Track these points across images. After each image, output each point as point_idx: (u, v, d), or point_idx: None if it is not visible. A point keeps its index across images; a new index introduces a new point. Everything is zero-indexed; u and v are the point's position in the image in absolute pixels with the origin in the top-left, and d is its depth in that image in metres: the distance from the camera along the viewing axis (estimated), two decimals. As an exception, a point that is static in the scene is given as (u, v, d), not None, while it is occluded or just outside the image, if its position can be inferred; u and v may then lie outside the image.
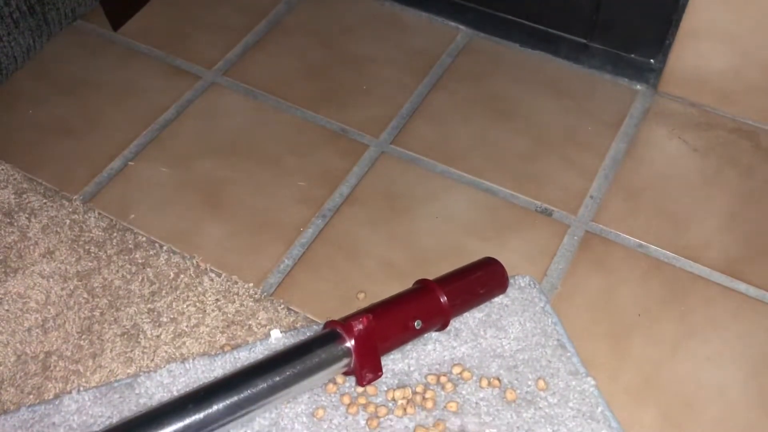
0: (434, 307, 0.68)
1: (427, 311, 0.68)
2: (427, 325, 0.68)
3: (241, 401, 0.61)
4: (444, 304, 0.68)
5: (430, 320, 0.68)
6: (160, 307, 0.74)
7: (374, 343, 0.65)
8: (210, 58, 1.01)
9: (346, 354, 0.64)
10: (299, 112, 0.95)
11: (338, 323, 0.65)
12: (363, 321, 0.64)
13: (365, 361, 0.64)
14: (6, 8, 0.90)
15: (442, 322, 0.69)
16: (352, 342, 0.64)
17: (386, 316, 0.66)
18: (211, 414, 0.59)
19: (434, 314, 0.68)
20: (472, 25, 1.05)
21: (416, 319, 0.67)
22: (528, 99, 0.96)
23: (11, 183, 0.84)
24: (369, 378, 0.65)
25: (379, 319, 0.65)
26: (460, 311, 0.71)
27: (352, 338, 0.64)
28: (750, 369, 0.71)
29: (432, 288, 0.69)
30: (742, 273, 0.78)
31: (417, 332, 0.67)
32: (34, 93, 0.96)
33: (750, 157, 0.89)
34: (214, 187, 0.86)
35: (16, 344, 0.71)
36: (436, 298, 0.68)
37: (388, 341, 0.67)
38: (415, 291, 0.70)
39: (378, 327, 0.65)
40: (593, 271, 0.79)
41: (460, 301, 0.70)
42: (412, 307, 0.68)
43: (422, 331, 0.68)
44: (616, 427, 0.65)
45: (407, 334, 0.67)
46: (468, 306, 0.71)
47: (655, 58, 0.94)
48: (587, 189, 0.86)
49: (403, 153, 0.90)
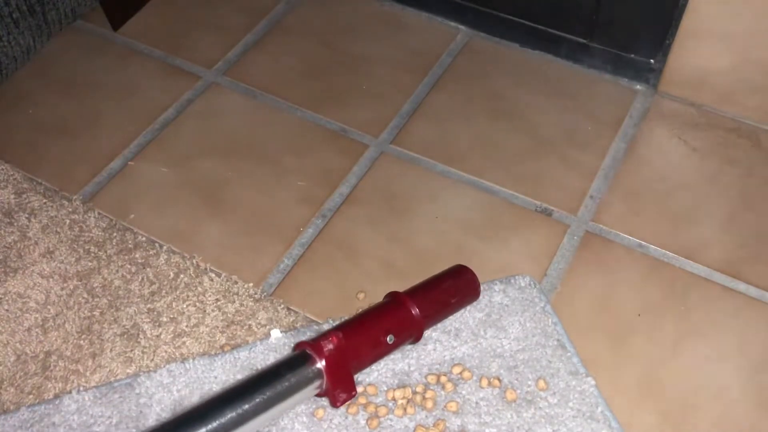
0: (406, 320, 0.66)
1: (399, 325, 0.66)
2: (400, 339, 0.66)
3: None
4: (416, 316, 0.67)
5: (403, 334, 0.66)
6: (160, 307, 0.74)
7: (346, 362, 0.63)
8: (210, 58, 1.01)
9: (317, 376, 0.62)
10: (299, 112, 0.95)
11: (307, 344, 0.63)
12: (333, 340, 0.62)
13: (337, 382, 0.62)
14: (6, 8, 0.90)
15: (415, 334, 0.68)
16: (322, 363, 0.62)
17: (357, 333, 0.64)
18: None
19: (407, 327, 0.67)
20: (472, 25, 1.05)
21: (388, 334, 0.65)
22: (528, 99, 0.96)
23: (11, 183, 0.84)
24: (342, 398, 0.63)
25: (350, 337, 0.63)
26: (433, 322, 0.70)
27: (322, 359, 0.62)
28: (750, 369, 0.71)
29: (403, 301, 0.67)
30: (742, 273, 0.78)
31: (390, 347, 0.66)
32: (34, 93, 0.96)
33: (750, 157, 0.89)
34: (214, 187, 0.86)
35: (16, 344, 0.71)
36: (408, 311, 0.67)
37: (361, 358, 0.65)
38: (385, 305, 0.68)
39: (349, 345, 0.63)
40: (593, 271, 0.79)
41: (433, 312, 0.68)
42: (383, 321, 0.66)
43: (395, 346, 0.66)
44: (616, 427, 0.65)
45: (380, 350, 0.65)
46: (441, 316, 0.70)
47: (655, 58, 0.94)
48: (587, 189, 0.86)
49: (403, 153, 0.90)
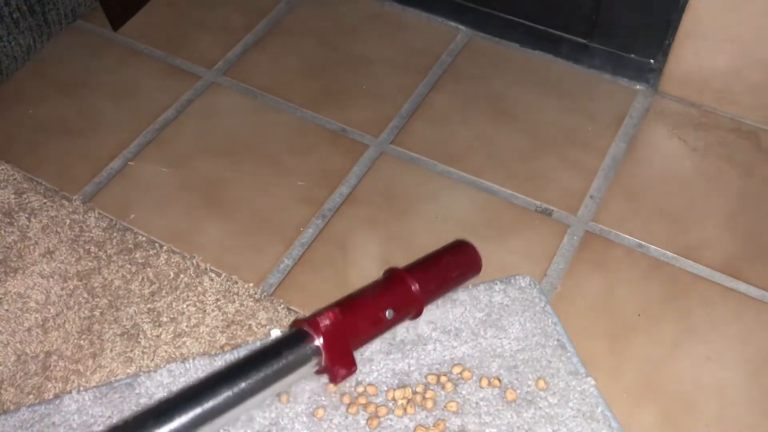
0: (406, 295, 0.65)
1: (399, 300, 0.65)
2: (399, 314, 0.65)
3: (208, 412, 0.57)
4: (415, 291, 0.66)
5: (403, 309, 0.65)
6: (160, 307, 0.74)
7: (345, 338, 0.62)
8: (210, 58, 1.01)
9: (315, 353, 0.61)
10: (299, 112, 0.95)
11: (304, 321, 0.62)
12: (329, 316, 0.61)
13: (336, 358, 0.61)
14: (6, 8, 0.90)
15: (415, 310, 0.66)
16: (320, 339, 0.61)
17: (356, 309, 0.63)
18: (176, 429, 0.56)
19: (406, 303, 0.65)
20: (472, 25, 1.05)
21: (387, 309, 0.64)
22: (528, 99, 0.96)
23: (11, 183, 0.84)
24: (342, 374, 0.62)
25: (348, 313, 0.62)
26: (434, 297, 0.68)
27: (320, 335, 0.61)
28: (750, 369, 0.71)
29: (402, 276, 0.66)
30: (742, 273, 0.78)
31: (390, 323, 0.64)
32: (34, 93, 0.96)
33: (750, 157, 0.89)
34: (214, 187, 0.86)
35: (16, 344, 0.71)
36: (407, 286, 0.66)
37: (360, 334, 0.64)
38: (384, 281, 0.67)
39: (348, 321, 0.62)
40: (593, 271, 0.79)
41: (433, 287, 0.67)
42: (382, 297, 0.65)
43: (395, 321, 0.65)
44: (616, 427, 0.65)
45: (379, 326, 0.64)
46: (441, 291, 0.68)
47: (655, 58, 0.94)
48: (587, 189, 0.86)
49: (403, 153, 0.90)
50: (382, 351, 0.69)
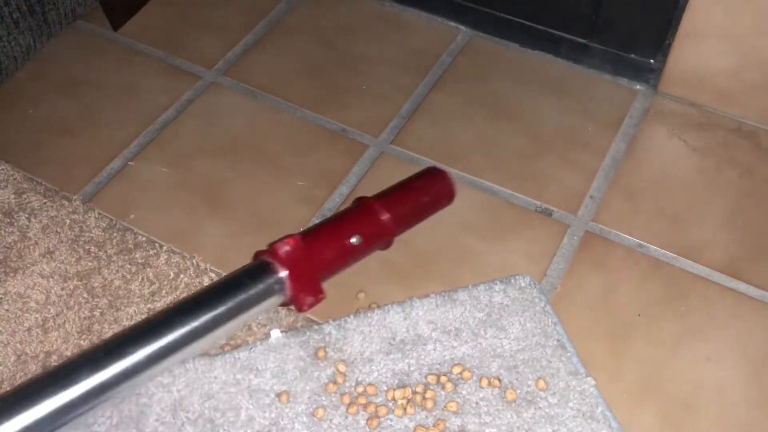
0: (372, 222, 0.63)
1: (365, 226, 0.62)
2: (368, 241, 0.62)
3: (169, 346, 0.55)
4: (383, 217, 0.63)
5: (371, 236, 0.62)
6: (161, 307, 0.74)
7: (310, 266, 0.59)
8: (210, 58, 1.01)
9: (279, 282, 0.58)
10: (299, 112, 0.95)
11: (265, 251, 0.59)
12: (289, 242, 0.59)
13: (301, 286, 0.59)
14: (6, 8, 0.90)
15: (385, 237, 0.63)
16: (284, 270, 0.58)
17: (320, 235, 0.61)
18: (134, 365, 0.53)
19: (373, 229, 0.62)
20: (472, 25, 1.05)
21: (353, 236, 0.61)
22: (528, 99, 0.96)
23: (11, 183, 0.84)
24: (309, 302, 0.60)
25: (312, 240, 0.60)
26: (405, 225, 0.65)
27: (282, 263, 0.58)
28: (750, 369, 0.71)
29: (369, 204, 0.63)
30: (742, 273, 0.78)
31: (357, 249, 0.62)
32: (34, 93, 0.96)
33: (750, 157, 0.89)
34: (214, 187, 0.86)
35: (16, 344, 0.71)
36: (374, 213, 0.63)
37: (327, 262, 0.61)
38: (351, 209, 0.64)
39: (312, 248, 0.59)
40: (593, 271, 0.79)
41: (402, 214, 0.64)
42: (347, 223, 0.62)
43: (364, 249, 0.62)
44: (616, 427, 0.65)
45: (347, 253, 0.62)
46: (412, 219, 0.65)
47: (655, 58, 0.94)
48: (587, 189, 0.86)
49: (403, 153, 0.90)
50: (382, 351, 0.69)
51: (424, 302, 0.72)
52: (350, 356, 0.69)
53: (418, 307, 0.72)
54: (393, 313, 0.72)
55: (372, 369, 0.68)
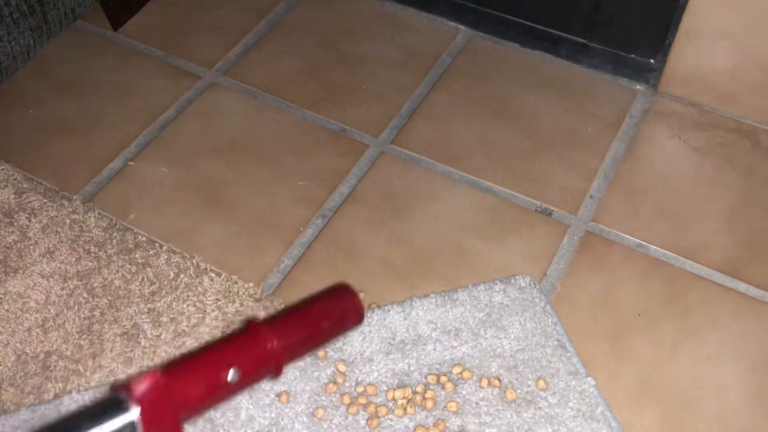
0: (257, 351, 0.53)
1: (247, 357, 0.52)
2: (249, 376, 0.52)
3: None
4: (272, 346, 0.53)
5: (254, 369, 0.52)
6: (160, 307, 0.74)
7: (172, 408, 0.49)
8: (210, 58, 1.01)
9: (129, 427, 0.47)
10: (299, 112, 0.95)
11: (121, 386, 0.47)
12: (148, 379, 0.48)
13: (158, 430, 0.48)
14: (6, 8, 0.90)
15: (273, 369, 0.54)
16: (136, 410, 0.47)
17: (188, 369, 0.50)
18: None
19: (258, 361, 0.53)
20: (472, 25, 1.05)
21: (231, 369, 0.51)
22: (528, 99, 0.96)
23: (11, 183, 0.84)
24: None
25: (176, 375, 0.49)
26: (298, 354, 0.56)
27: (136, 404, 0.47)
28: (750, 369, 0.71)
29: (257, 329, 0.53)
30: (742, 273, 0.78)
31: (235, 387, 0.51)
32: (34, 93, 0.96)
33: (750, 157, 0.89)
34: (214, 186, 0.86)
35: (16, 344, 0.71)
36: (261, 341, 0.53)
37: (194, 402, 0.50)
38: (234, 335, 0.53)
39: (177, 385, 0.49)
40: (593, 271, 0.79)
41: (297, 340, 0.55)
42: (225, 354, 0.52)
43: (244, 384, 0.52)
44: (616, 427, 0.65)
45: (220, 391, 0.51)
46: (308, 346, 0.56)
47: (655, 58, 0.94)
48: (587, 189, 0.86)
49: (403, 153, 0.90)
50: (382, 351, 0.69)
51: (424, 302, 0.72)
52: (350, 356, 0.69)
53: (418, 307, 0.72)
54: (393, 313, 0.72)
55: (372, 369, 0.68)
